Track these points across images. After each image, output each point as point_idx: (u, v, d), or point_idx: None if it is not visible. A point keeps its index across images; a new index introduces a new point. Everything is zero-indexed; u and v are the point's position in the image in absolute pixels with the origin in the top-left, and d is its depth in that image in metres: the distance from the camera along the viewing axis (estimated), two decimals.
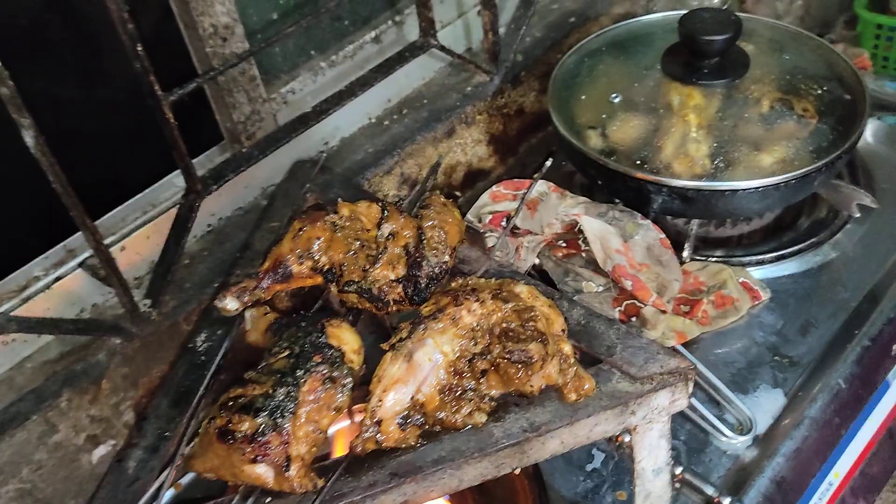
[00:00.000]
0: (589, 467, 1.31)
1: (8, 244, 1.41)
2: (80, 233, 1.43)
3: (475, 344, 0.97)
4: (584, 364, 0.99)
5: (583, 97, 1.57)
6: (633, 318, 1.35)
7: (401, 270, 1.06)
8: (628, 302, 1.37)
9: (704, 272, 1.46)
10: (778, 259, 1.51)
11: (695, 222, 1.52)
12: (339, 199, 1.13)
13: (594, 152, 1.45)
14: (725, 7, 1.79)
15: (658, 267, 1.36)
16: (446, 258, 1.05)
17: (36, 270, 1.40)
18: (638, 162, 1.43)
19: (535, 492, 1.27)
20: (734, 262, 1.49)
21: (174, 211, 1.47)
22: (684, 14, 1.50)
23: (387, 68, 1.58)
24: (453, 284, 1.04)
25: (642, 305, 1.34)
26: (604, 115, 1.51)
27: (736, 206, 1.41)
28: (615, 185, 1.46)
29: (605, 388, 0.97)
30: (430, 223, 1.06)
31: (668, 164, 1.42)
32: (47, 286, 1.38)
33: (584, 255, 1.42)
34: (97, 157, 1.43)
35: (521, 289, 1.00)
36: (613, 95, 1.53)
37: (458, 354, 0.96)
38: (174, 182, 1.55)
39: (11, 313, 1.32)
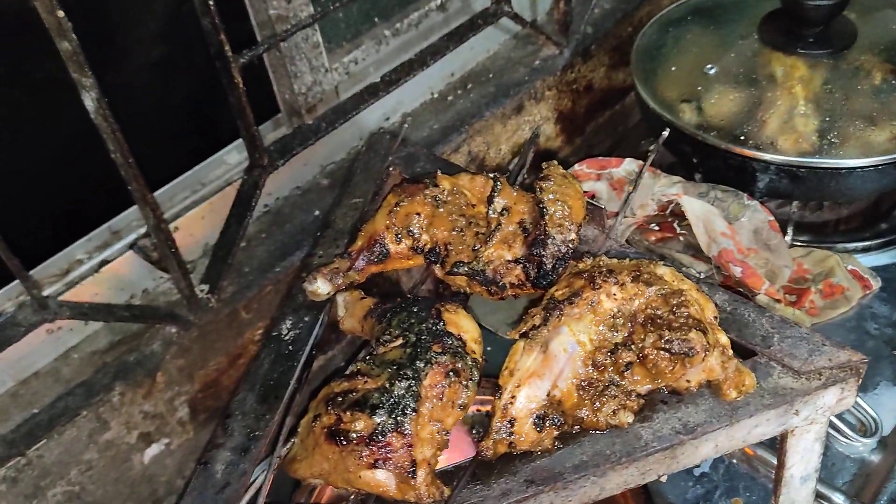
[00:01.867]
0: (697, 472, 1.19)
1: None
2: (125, 213, 1.33)
3: (615, 333, 0.84)
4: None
5: (672, 69, 1.44)
6: None
7: (518, 250, 0.94)
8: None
9: (809, 259, 1.34)
10: (885, 245, 1.39)
11: (795, 204, 1.40)
12: (438, 172, 1.01)
13: (691, 127, 1.33)
14: None
15: (767, 252, 1.24)
16: (572, 236, 0.92)
17: (78, 253, 1.28)
18: (741, 138, 1.30)
19: (641, 500, 1.15)
20: (838, 249, 1.37)
21: (230, 190, 1.35)
22: None
23: (459, 37, 1.45)
24: (581, 265, 0.91)
25: (752, 294, 1.22)
26: (699, 88, 1.39)
27: (850, 185, 1.29)
28: (714, 163, 1.34)
29: (766, 384, 0.85)
30: (551, 197, 0.93)
31: (774, 140, 1.30)
32: (94, 269, 1.26)
33: (681, 238, 1.30)
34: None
35: (664, 270, 0.88)
36: (708, 66, 1.41)
37: (596, 345, 0.84)
38: (224, 159, 1.43)
39: (59, 298, 1.20)
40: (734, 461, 1.18)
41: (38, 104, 1.22)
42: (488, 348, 1.01)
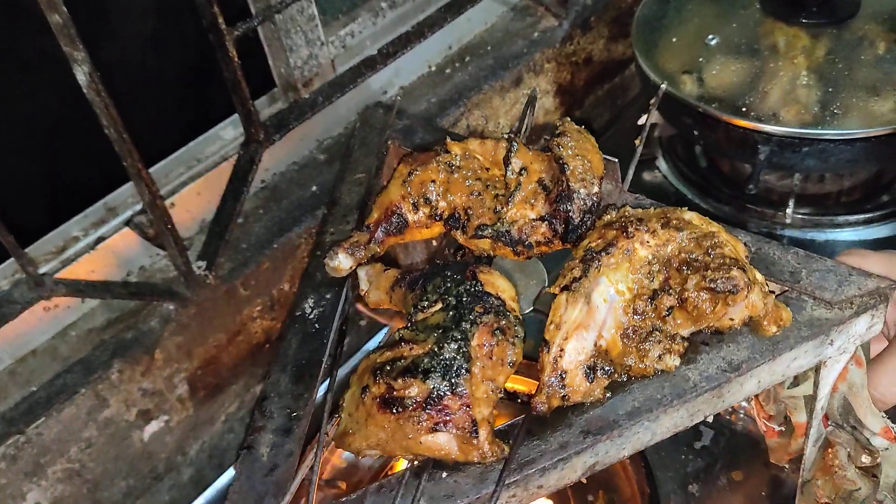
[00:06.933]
0: (698, 445, 1.18)
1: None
2: (121, 189, 1.28)
3: (652, 280, 0.83)
4: None
5: (673, 40, 1.44)
6: None
7: (541, 208, 0.93)
8: None
9: None
10: (886, 217, 1.41)
11: (797, 177, 1.40)
12: (448, 138, 1.00)
13: (692, 99, 1.32)
14: None
15: None
16: (595, 189, 0.90)
17: (74, 230, 1.24)
18: (743, 109, 1.30)
19: (641, 474, 1.13)
20: (840, 221, 1.38)
21: (226, 166, 1.31)
22: None
23: (457, 8, 1.42)
24: (607, 217, 0.90)
25: None
26: (700, 59, 1.38)
27: (853, 156, 1.28)
28: (715, 135, 1.33)
29: (801, 317, 0.85)
30: (570, 152, 0.91)
31: (776, 111, 1.30)
32: (90, 247, 1.21)
33: None
34: None
35: (690, 215, 0.87)
36: (709, 37, 1.40)
37: (635, 293, 0.83)
38: (220, 135, 1.39)
39: (54, 276, 1.16)
40: (736, 434, 1.18)
41: (30, 78, 1.18)
42: None
